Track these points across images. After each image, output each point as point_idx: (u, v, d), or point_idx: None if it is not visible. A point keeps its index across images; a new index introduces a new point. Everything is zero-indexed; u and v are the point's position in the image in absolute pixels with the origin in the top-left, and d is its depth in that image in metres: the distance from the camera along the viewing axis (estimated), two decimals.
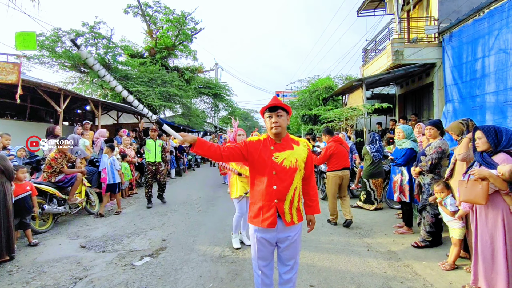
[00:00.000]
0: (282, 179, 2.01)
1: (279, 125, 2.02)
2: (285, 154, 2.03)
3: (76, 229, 4.80)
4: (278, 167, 2.01)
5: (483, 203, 2.43)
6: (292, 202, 2.04)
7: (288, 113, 2.12)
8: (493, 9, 7.24)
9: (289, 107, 2.11)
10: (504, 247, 2.39)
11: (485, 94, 7.78)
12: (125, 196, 7.34)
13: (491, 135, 2.51)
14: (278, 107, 2.05)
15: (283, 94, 28.08)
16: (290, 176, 2.02)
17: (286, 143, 2.08)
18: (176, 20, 18.14)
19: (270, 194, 2.02)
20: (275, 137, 2.08)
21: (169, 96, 16.46)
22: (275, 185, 2.01)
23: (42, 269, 3.34)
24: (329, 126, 11.36)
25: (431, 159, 3.80)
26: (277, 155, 2.03)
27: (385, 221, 5.18)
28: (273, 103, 2.06)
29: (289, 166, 2.01)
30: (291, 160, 2.02)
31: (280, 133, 2.05)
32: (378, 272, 3.25)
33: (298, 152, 2.07)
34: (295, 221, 2.07)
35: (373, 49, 12.25)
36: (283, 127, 2.05)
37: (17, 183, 3.95)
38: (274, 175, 2.01)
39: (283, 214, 2.03)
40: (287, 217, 2.03)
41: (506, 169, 2.31)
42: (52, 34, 14.55)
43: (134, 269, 3.34)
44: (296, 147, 2.08)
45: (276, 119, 2.02)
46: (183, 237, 4.43)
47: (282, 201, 2.02)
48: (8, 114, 9.63)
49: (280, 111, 2.05)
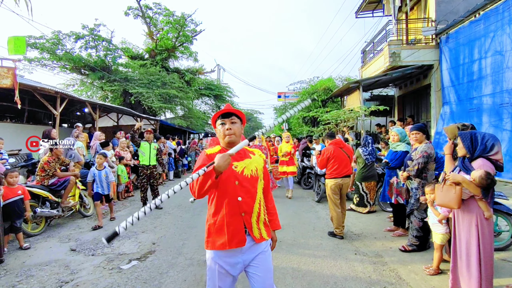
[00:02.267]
0: (247, 189, 1.84)
1: (232, 133, 1.87)
2: (244, 163, 1.88)
3: (68, 232, 4.85)
4: (240, 177, 1.83)
5: (456, 207, 2.46)
6: (259, 215, 1.86)
7: (243, 121, 1.98)
8: (488, 11, 7.22)
9: (243, 115, 1.98)
10: (478, 252, 2.40)
11: (482, 96, 7.75)
12: (121, 199, 7.39)
13: (466, 141, 2.52)
14: (232, 114, 1.91)
15: (285, 95, 28.09)
16: (253, 185, 1.87)
17: (243, 152, 1.93)
18: (176, 22, 18.26)
19: (235, 207, 1.79)
20: (229, 146, 1.86)
21: (169, 97, 16.55)
22: (239, 196, 1.80)
23: (30, 273, 3.38)
24: (327, 128, 11.36)
25: (418, 164, 3.79)
26: (236, 164, 1.85)
27: (377, 225, 5.17)
28: (226, 109, 1.93)
29: (251, 175, 1.86)
30: (252, 169, 1.88)
31: (234, 141, 1.87)
32: (362, 276, 3.25)
33: (256, 161, 1.93)
34: (264, 236, 1.86)
35: (371, 51, 12.24)
36: (237, 135, 1.89)
37: (8, 187, 4.00)
38: (237, 185, 1.82)
39: (251, 230, 1.81)
40: (255, 232, 1.82)
41: (477, 174, 2.34)
42: (52, 37, 14.69)
43: (121, 273, 3.37)
44: (253, 156, 1.95)
45: (229, 126, 1.87)
46: (173, 240, 4.46)
47: (249, 214, 1.82)
48: (7, 117, 9.74)
49: (234, 118, 1.91)
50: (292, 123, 19.15)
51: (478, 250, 2.40)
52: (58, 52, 14.98)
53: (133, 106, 15.60)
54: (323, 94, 15.22)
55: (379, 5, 12.62)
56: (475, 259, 2.41)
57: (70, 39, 15.65)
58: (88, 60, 15.75)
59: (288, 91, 27.25)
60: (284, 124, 20.23)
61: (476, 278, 2.37)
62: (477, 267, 2.39)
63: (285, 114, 1.81)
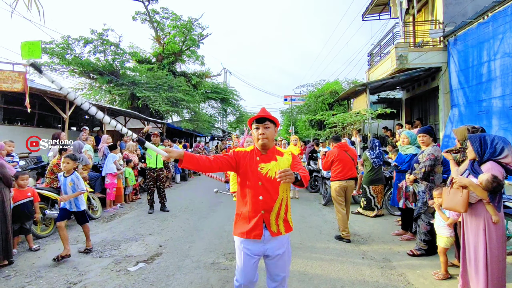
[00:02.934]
0: (268, 190, 2.02)
1: (265, 137, 2.04)
2: (269, 165, 2.05)
3: (76, 234, 4.90)
4: (263, 178, 2.02)
5: (462, 211, 2.43)
6: (279, 213, 2.06)
7: (276, 125, 2.13)
8: (496, 12, 7.14)
9: (276, 119, 2.12)
10: (485, 256, 2.36)
11: (491, 99, 7.65)
12: (129, 201, 7.45)
13: (475, 144, 2.49)
14: (266, 119, 2.07)
15: (291, 98, 28.06)
16: (275, 187, 2.03)
17: (271, 155, 2.10)
18: (183, 26, 18.45)
19: (256, 204, 2.03)
20: (262, 148, 2.10)
21: (176, 101, 16.68)
22: (261, 195, 2.02)
23: (39, 274, 3.42)
24: (333, 131, 11.32)
25: (424, 167, 3.76)
26: (262, 166, 2.04)
27: (385, 228, 5.12)
28: (261, 114, 2.09)
29: (274, 177, 2.00)
30: (276, 171, 1.95)
31: (267, 144, 2.07)
32: (370, 280, 3.22)
33: (283, 163, 2.07)
34: (282, 231, 2.06)
35: (378, 54, 12.19)
36: (270, 139, 2.07)
37: (18, 189, 4.07)
38: (260, 185, 2.03)
39: (269, 225, 2.04)
40: (273, 227, 2.04)
41: (483, 178, 2.31)
42: (62, 42, 14.96)
43: (128, 275, 3.40)
44: (280, 158, 2.10)
45: (263, 131, 2.05)
46: (180, 243, 4.47)
47: (268, 212, 2.03)
48: (18, 120, 9.92)
49: (268, 123, 2.07)
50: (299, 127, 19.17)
51: (485, 254, 2.36)
52: (68, 57, 15.26)
53: (141, 110, 15.76)
54: (330, 97, 15.18)
55: (386, 7, 12.57)
56: (482, 263, 2.37)
57: (79, 43, 15.94)
58: (97, 64, 15.99)
59: (295, 94, 27.23)
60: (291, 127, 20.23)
61: (483, 283, 2.33)
62: (484, 271, 2.35)
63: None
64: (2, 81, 5.98)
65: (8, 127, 8.66)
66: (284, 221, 2.08)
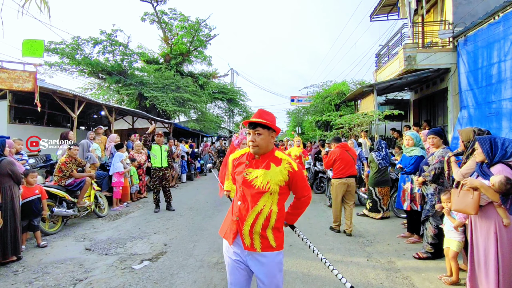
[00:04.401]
0: (245, 198, 1.86)
1: (256, 145, 1.85)
2: (257, 172, 1.85)
3: (83, 232, 4.97)
4: (246, 184, 1.86)
5: (473, 213, 2.38)
6: (253, 226, 1.82)
7: (275, 131, 1.91)
8: (508, 12, 7.01)
9: (272, 124, 1.88)
10: (496, 260, 2.31)
11: (502, 100, 7.50)
12: (134, 200, 7.52)
13: (485, 146, 2.45)
14: (258, 124, 1.85)
15: (298, 99, 28.02)
16: (254, 197, 1.83)
17: (264, 161, 1.88)
18: (191, 27, 18.56)
19: (235, 209, 1.91)
20: (254, 153, 1.91)
21: (183, 101, 16.79)
22: (239, 201, 1.88)
23: (46, 270, 3.48)
24: (340, 132, 11.25)
25: (434, 169, 3.72)
26: (249, 171, 1.87)
27: (390, 231, 5.06)
28: (253, 119, 1.87)
29: (258, 186, 1.82)
30: (262, 181, 1.81)
31: (258, 152, 1.89)
32: (374, 283, 3.19)
33: (274, 174, 1.82)
34: (257, 248, 1.81)
35: (386, 54, 12.07)
36: (261, 147, 1.86)
37: (27, 186, 4.15)
38: (241, 190, 1.89)
39: (241, 235, 1.84)
40: (246, 240, 1.83)
41: (496, 179, 2.26)
42: (72, 42, 15.19)
43: (133, 273, 3.43)
44: (274, 167, 1.85)
45: (253, 138, 1.85)
46: (184, 242, 4.50)
47: (242, 221, 1.84)
48: (28, 119, 10.09)
49: (260, 129, 1.85)
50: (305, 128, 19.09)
51: (496, 258, 2.32)
52: (77, 57, 15.48)
53: (148, 110, 15.91)
54: (337, 98, 15.10)
55: (394, 8, 12.43)
56: (493, 267, 2.32)
57: (89, 44, 16.15)
58: (106, 65, 16.19)
59: (301, 95, 27.18)
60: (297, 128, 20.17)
61: (494, 287, 2.29)
62: (495, 276, 2.30)
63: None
64: (13, 81, 6.11)
65: (19, 126, 8.81)
66: (261, 237, 1.82)
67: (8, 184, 3.56)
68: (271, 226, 1.84)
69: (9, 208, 3.55)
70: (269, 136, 1.88)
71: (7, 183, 3.57)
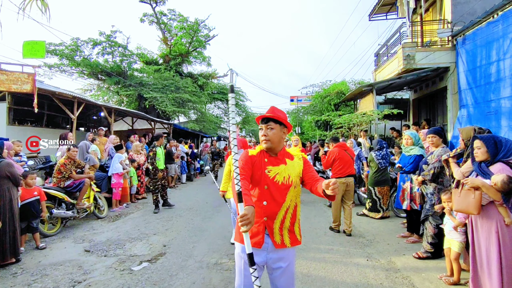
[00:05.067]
0: (273, 196, 1.85)
1: (268, 139, 1.88)
2: (278, 168, 1.87)
3: (82, 233, 4.96)
4: (270, 182, 1.85)
5: (475, 213, 2.36)
6: (283, 222, 1.85)
7: (287, 127, 1.95)
8: (507, 11, 7.00)
9: (284, 119, 1.92)
10: (499, 260, 2.30)
11: (500, 99, 7.48)
12: (134, 201, 7.51)
13: (490, 145, 2.44)
14: (270, 119, 1.89)
15: (298, 99, 28.00)
16: (282, 193, 1.85)
17: (281, 157, 1.93)
18: (190, 28, 18.54)
19: (259, 210, 1.84)
20: (267, 150, 1.94)
21: (183, 102, 16.78)
22: (265, 200, 1.84)
23: (45, 272, 3.47)
24: (339, 132, 11.24)
25: (433, 168, 3.71)
26: (270, 169, 1.87)
27: (390, 230, 5.06)
28: (265, 114, 1.92)
29: (282, 182, 1.85)
30: (284, 176, 1.86)
31: (271, 148, 1.91)
32: (374, 283, 3.18)
33: (292, 167, 1.90)
34: (287, 243, 1.85)
35: (385, 54, 12.07)
36: (273, 141, 1.89)
37: (25, 188, 4.14)
38: (266, 190, 1.85)
39: (272, 234, 1.84)
40: (277, 237, 1.84)
41: (499, 179, 2.24)
42: (71, 44, 15.18)
43: (131, 274, 3.42)
44: (289, 161, 1.92)
45: (265, 132, 1.89)
46: (184, 243, 4.49)
47: (272, 220, 1.84)
48: (28, 121, 10.09)
49: (272, 124, 1.89)
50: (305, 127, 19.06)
51: (499, 258, 2.30)
52: (77, 58, 15.45)
53: (148, 110, 15.90)
54: (336, 98, 15.08)
55: (392, 7, 12.43)
56: (496, 268, 2.30)
57: (88, 45, 16.13)
58: (105, 66, 16.17)
59: (301, 94, 27.16)
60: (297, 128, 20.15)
61: (497, 287, 2.27)
62: (498, 276, 2.28)
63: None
64: (12, 83, 6.10)
65: (18, 128, 8.81)
66: (290, 232, 1.87)
67: (7, 186, 3.55)
68: (297, 220, 1.93)
69: (7, 210, 3.54)
70: (281, 132, 1.92)
71: (5, 185, 3.57)
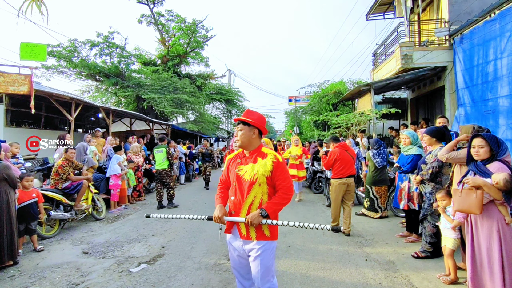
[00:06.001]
0: (238, 191, 2.08)
1: (238, 139, 2.11)
2: (247, 167, 2.07)
3: (80, 235, 4.94)
4: (237, 179, 2.08)
5: (478, 212, 2.33)
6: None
7: (255, 125, 2.10)
8: (504, 10, 7.02)
9: (252, 121, 2.09)
10: (500, 259, 2.29)
11: (498, 98, 7.51)
12: (132, 202, 7.49)
13: (494, 143, 2.45)
14: (239, 122, 2.13)
15: (296, 99, 28.03)
16: (245, 189, 2.04)
17: (252, 156, 2.11)
18: (188, 28, 18.55)
19: (229, 204, 2.18)
20: (242, 150, 2.18)
21: (181, 102, 16.76)
22: (232, 196, 2.13)
23: (42, 274, 3.45)
24: (337, 132, 11.25)
25: (432, 168, 3.70)
26: (240, 168, 2.10)
27: (389, 230, 5.05)
28: (238, 118, 2.18)
29: (247, 179, 2.03)
30: (250, 174, 2.03)
31: (242, 147, 2.13)
32: (372, 283, 3.18)
33: (260, 166, 2.03)
34: (252, 237, 2.03)
35: (383, 53, 12.09)
36: (243, 141, 2.10)
37: (23, 190, 4.12)
38: (234, 186, 2.12)
39: (238, 226, 2.10)
40: (242, 230, 2.07)
41: (500, 177, 2.23)
42: (69, 45, 15.14)
43: (130, 276, 3.41)
44: (260, 160, 2.06)
45: (236, 133, 2.14)
46: (182, 244, 4.48)
47: (237, 213, 2.08)
48: (25, 122, 10.05)
49: (241, 125, 2.11)
50: (303, 127, 19.07)
51: (500, 257, 2.29)
52: (74, 60, 15.43)
53: (146, 111, 15.88)
54: (334, 98, 15.10)
55: (390, 7, 12.45)
56: (498, 267, 2.29)
57: (86, 46, 16.10)
58: (103, 67, 16.15)
59: (299, 94, 27.17)
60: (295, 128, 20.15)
61: (500, 286, 2.27)
62: (500, 274, 2.27)
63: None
64: (9, 84, 6.08)
65: (16, 129, 8.79)
66: (256, 227, 2.01)
67: (4, 188, 3.53)
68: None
69: (5, 212, 3.52)
70: (250, 132, 2.10)
71: (2, 187, 3.55)
